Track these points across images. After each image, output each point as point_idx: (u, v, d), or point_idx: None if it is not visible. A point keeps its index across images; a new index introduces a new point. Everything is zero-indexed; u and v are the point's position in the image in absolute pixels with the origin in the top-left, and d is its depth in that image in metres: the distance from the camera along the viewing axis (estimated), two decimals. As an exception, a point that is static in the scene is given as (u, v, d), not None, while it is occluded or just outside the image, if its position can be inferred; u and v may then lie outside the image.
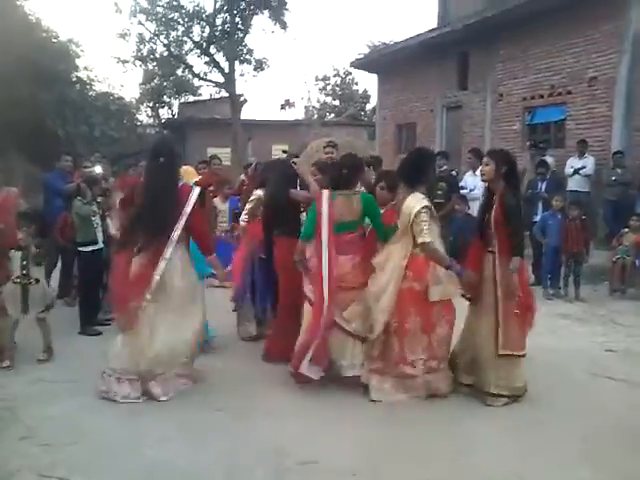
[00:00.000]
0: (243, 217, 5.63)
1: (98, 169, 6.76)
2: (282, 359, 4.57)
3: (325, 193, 4.39)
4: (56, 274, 7.06)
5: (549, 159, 10.00)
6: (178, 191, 4.28)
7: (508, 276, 4.07)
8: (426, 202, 4.09)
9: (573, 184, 9.66)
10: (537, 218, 8.14)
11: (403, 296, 4.06)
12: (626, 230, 7.81)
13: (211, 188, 6.89)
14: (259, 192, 5.51)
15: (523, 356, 4.22)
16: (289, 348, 4.38)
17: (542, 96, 11.51)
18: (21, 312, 4.81)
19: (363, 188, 5.11)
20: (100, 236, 5.87)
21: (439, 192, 7.78)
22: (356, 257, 4.35)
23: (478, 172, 8.77)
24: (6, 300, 4.76)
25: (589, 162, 9.66)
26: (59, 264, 7.07)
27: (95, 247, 5.80)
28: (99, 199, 6.05)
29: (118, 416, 3.86)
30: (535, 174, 8.83)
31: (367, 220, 4.50)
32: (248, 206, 5.59)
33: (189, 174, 5.45)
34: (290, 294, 4.78)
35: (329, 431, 3.70)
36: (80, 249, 5.78)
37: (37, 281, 4.85)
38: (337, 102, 38.09)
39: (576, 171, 9.65)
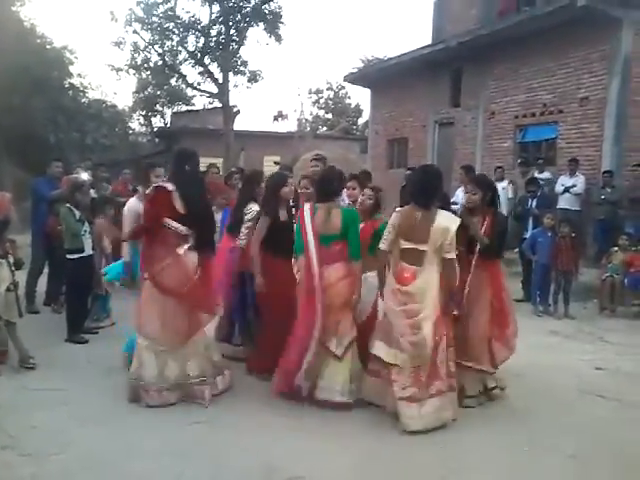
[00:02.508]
0: (242, 236, 5.12)
1: (84, 175, 6.72)
2: (267, 373, 4.52)
3: (306, 207, 4.34)
4: (42, 280, 7.01)
5: (546, 174, 10.09)
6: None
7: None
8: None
9: (563, 202, 9.72)
10: (527, 235, 8.19)
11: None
12: (615, 249, 7.87)
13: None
14: (255, 207, 5.11)
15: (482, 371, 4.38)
16: (275, 363, 4.32)
17: (534, 114, 11.60)
18: (19, 316, 4.85)
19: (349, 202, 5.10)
20: (88, 243, 5.79)
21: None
22: (343, 266, 4.23)
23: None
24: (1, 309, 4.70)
25: (579, 181, 9.73)
26: (45, 270, 7.01)
27: (83, 254, 5.73)
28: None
29: (104, 427, 3.79)
30: (525, 191, 8.90)
31: None
32: (248, 224, 5.09)
33: None
34: (280, 310, 4.57)
35: (317, 447, 3.64)
36: (68, 256, 5.70)
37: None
38: (330, 115, 38.28)
39: (566, 189, 9.72)
